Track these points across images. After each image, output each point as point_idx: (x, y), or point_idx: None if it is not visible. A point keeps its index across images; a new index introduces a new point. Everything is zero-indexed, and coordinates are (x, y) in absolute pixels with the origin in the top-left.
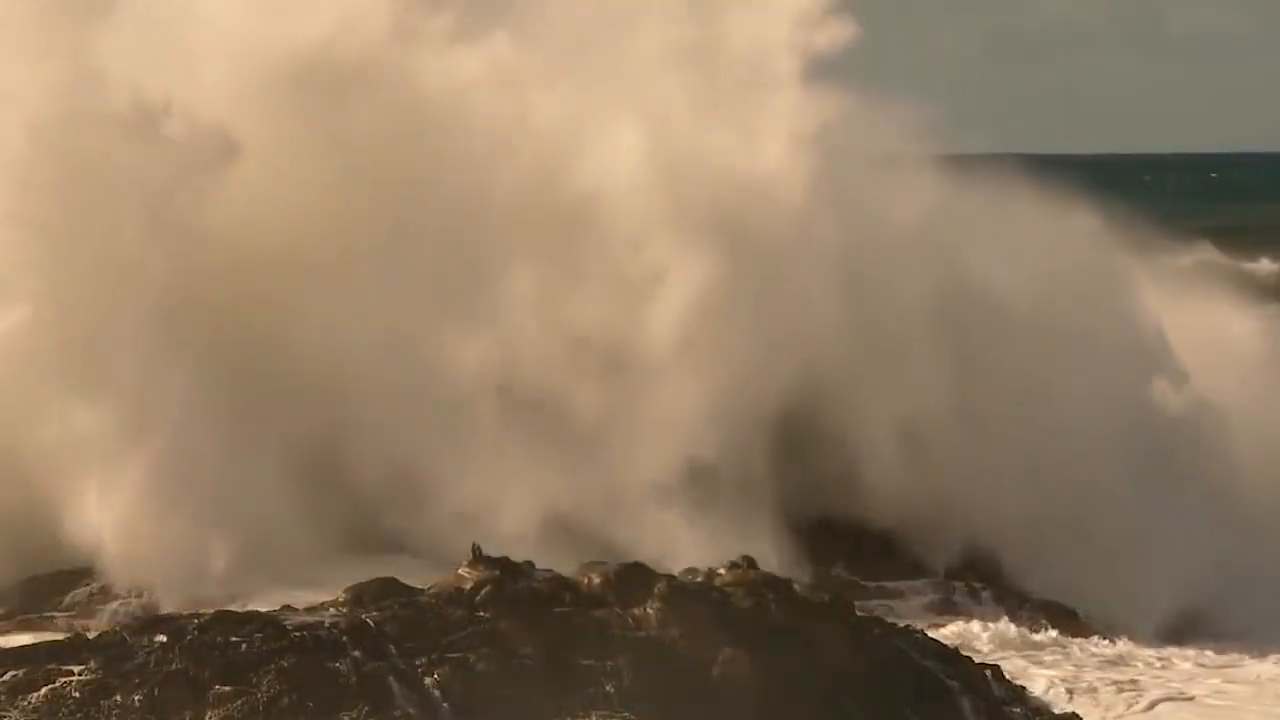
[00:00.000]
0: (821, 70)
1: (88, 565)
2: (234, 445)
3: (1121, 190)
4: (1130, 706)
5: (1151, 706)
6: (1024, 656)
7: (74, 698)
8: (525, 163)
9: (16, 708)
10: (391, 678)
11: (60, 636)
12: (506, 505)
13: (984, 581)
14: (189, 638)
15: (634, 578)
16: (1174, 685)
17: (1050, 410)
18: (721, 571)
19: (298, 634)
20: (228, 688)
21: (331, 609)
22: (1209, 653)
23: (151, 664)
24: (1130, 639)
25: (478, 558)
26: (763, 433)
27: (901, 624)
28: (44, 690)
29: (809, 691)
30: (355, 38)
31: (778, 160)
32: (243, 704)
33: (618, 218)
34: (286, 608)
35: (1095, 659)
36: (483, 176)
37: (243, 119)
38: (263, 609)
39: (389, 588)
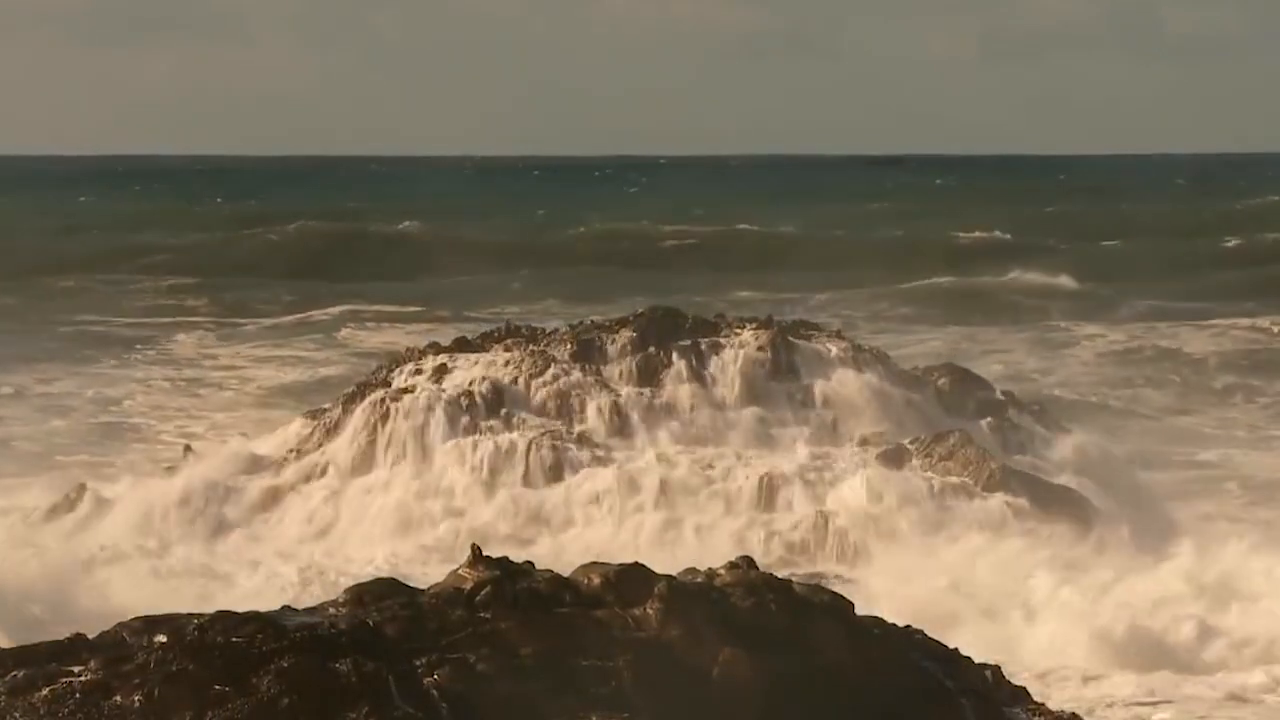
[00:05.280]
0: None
1: None
2: None
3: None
4: None
5: None
6: None
7: (74, 698)
8: None
9: (17, 708)
10: (391, 678)
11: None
12: None
13: None
14: (189, 638)
15: (634, 578)
16: None
17: None
18: (721, 572)
19: (298, 634)
20: (228, 688)
21: (331, 609)
22: None
23: (151, 664)
24: None
25: (477, 558)
26: None
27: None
28: (45, 690)
29: (809, 692)
30: None
31: None
32: (243, 704)
33: None
34: (286, 608)
35: None
36: None
37: None
38: (262, 609)
39: (389, 588)
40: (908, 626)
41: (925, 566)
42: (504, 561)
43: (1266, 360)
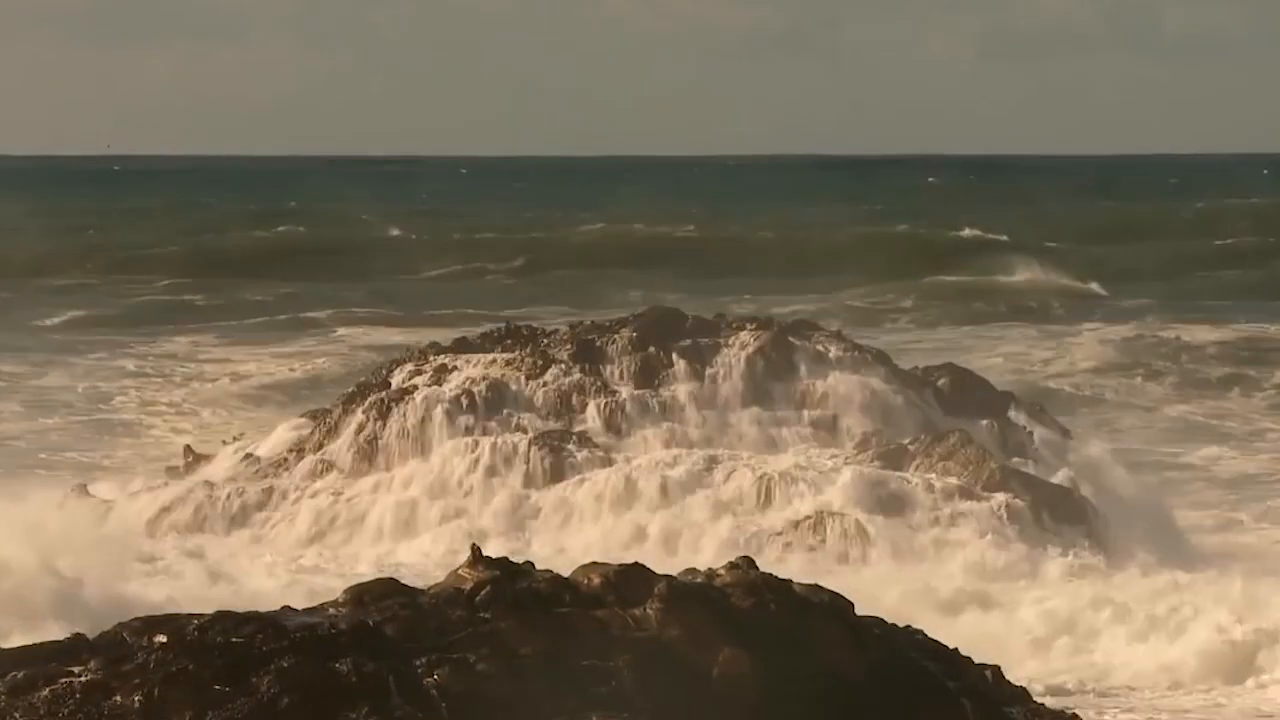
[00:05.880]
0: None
1: None
2: None
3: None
4: None
5: None
6: None
7: (74, 698)
8: None
9: (17, 708)
10: (391, 678)
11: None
12: None
13: None
14: (189, 638)
15: (634, 578)
16: None
17: None
18: (721, 572)
19: (298, 634)
20: (228, 688)
21: (331, 609)
22: None
23: (151, 664)
24: None
25: (477, 558)
26: None
27: (901, 624)
28: (45, 690)
29: (809, 692)
30: None
31: None
32: (243, 704)
33: None
34: (286, 608)
35: None
36: None
37: None
38: (262, 609)
39: (389, 588)
40: (908, 626)
41: (924, 567)
42: (504, 561)
43: (1265, 355)
